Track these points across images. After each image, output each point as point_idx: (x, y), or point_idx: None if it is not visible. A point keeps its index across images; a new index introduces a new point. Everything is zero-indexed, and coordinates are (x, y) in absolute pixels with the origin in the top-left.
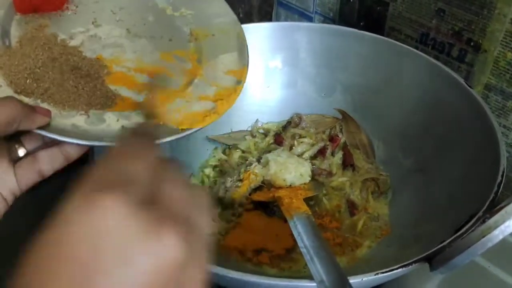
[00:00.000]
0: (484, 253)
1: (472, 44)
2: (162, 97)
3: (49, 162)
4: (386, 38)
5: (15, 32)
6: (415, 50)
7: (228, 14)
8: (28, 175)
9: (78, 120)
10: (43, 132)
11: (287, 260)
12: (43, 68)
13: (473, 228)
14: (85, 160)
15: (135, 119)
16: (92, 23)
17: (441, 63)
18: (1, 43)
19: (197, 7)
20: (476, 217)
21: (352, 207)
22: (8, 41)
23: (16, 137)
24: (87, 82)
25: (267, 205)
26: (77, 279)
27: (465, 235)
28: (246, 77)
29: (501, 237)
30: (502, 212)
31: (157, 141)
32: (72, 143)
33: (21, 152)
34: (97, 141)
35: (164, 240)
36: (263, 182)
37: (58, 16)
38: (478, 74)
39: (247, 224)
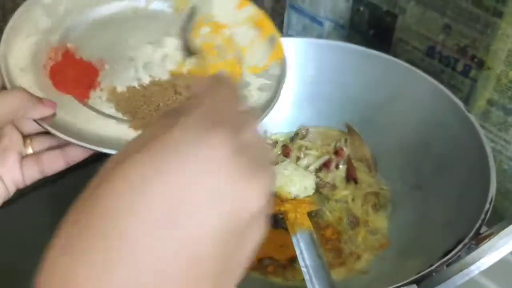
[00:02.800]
0: None
1: (476, 60)
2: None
3: (50, 163)
4: (392, 58)
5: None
6: (418, 71)
7: None
8: (31, 172)
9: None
10: (65, 136)
11: (290, 269)
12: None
13: (458, 255)
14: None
15: None
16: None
17: (443, 86)
18: None
19: None
20: (463, 243)
21: (353, 219)
22: None
23: (28, 137)
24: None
25: (273, 216)
26: (172, 203)
27: (449, 262)
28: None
29: (476, 272)
30: (479, 249)
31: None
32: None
33: (29, 149)
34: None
35: (254, 189)
36: None
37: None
38: (481, 90)
39: None
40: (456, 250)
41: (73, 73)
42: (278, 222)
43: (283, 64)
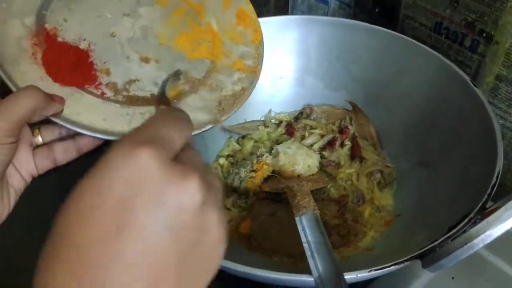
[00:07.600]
0: None
1: (484, 35)
2: None
3: (63, 153)
4: (398, 34)
5: None
6: (425, 47)
7: None
8: (44, 162)
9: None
10: (69, 126)
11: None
12: None
13: (463, 230)
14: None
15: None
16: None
17: (449, 61)
18: None
19: None
20: (468, 218)
21: (358, 197)
22: None
23: (36, 126)
24: None
25: (277, 194)
26: (117, 214)
27: (454, 236)
28: None
29: (481, 245)
30: (484, 222)
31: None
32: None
33: (39, 138)
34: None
35: (189, 187)
36: (273, 171)
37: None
38: (489, 65)
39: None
40: (461, 224)
41: (67, 62)
42: (280, 199)
43: (259, 32)
